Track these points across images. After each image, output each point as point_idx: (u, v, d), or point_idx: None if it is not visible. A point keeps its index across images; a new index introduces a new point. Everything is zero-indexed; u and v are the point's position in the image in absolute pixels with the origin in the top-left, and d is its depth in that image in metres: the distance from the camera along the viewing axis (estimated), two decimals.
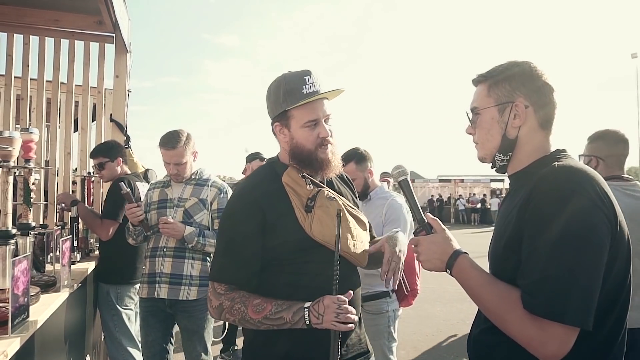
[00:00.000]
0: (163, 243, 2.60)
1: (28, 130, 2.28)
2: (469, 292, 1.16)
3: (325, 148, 1.45)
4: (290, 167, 1.49)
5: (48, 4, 3.80)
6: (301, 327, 1.31)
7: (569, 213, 1.00)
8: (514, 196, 1.21)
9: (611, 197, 1.08)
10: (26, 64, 3.92)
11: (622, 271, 1.09)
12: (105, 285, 3.06)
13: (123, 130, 3.96)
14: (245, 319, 1.37)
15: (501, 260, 1.17)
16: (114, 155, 3.19)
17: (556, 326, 0.98)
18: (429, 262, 1.23)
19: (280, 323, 1.33)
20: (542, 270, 1.01)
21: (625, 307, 1.11)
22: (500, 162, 1.25)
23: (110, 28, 3.83)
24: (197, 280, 2.57)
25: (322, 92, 1.43)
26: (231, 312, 1.38)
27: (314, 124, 1.43)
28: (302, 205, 1.43)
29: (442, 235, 1.23)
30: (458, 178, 29.58)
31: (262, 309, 1.35)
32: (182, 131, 2.65)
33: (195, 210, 2.62)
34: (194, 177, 2.71)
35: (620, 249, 1.07)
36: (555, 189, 1.05)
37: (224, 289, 1.41)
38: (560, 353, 0.99)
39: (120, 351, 3.02)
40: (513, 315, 1.04)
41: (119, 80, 4.01)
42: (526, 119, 1.19)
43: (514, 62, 1.23)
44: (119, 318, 3.03)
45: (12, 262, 1.55)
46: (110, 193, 3.08)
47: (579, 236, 1.00)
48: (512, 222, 1.12)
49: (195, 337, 2.62)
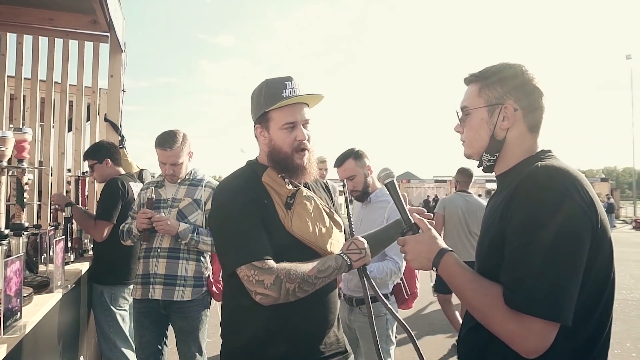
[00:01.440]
0: (157, 244, 2.58)
1: (21, 130, 2.26)
2: (454, 289, 1.18)
3: (301, 154, 1.50)
4: (269, 168, 1.53)
5: (42, 3, 3.77)
6: (344, 271, 1.45)
7: (550, 211, 1.03)
8: (498, 196, 1.24)
9: (593, 195, 1.09)
10: (20, 63, 3.90)
11: (605, 268, 1.11)
12: (99, 286, 3.04)
13: (117, 130, 3.94)
14: (305, 280, 1.36)
15: (486, 259, 1.19)
16: (101, 157, 3.16)
17: (536, 321, 1.00)
18: (416, 260, 1.26)
19: (330, 272, 1.41)
20: (523, 268, 1.03)
21: (609, 303, 1.13)
22: (487, 162, 1.27)
23: (104, 27, 3.81)
24: (191, 280, 2.56)
25: (300, 95, 1.48)
26: (290, 277, 1.34)
27: (291, 127, 1.48)
28: (283, 203, 1.48)
29: (428, 235, 1.26)
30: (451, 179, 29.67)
31: (311, 266, 1.38)
32: (178, 131, 2.64)
33: (189, 211, 2.61)
34: (188, 178, 2.69)
35: (602, 246, 1.08)
36: (537, 188, 1.07)
37: (268, 264, 1.35)
38: (540, 348, 1.01)
39: (114, 352, 3.01)
40: (495, 311, 1.06)
41: (114, 79, 3.99)
42: (515, 122, 1.21)
43: (506, 64, 1.25)
44: (113, 319, 3.01)
45: (5, 262, 1.54)
46: (104, 194, 3.07)
47: (559, 234, 1.01)
48: (496, 221, 1.15)
49: (190, 338, 2.60)
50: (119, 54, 4.01)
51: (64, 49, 3.95)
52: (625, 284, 7.84)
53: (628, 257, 11.03)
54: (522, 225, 1.06)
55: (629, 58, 30.99)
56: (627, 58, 31.10)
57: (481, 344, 1.17)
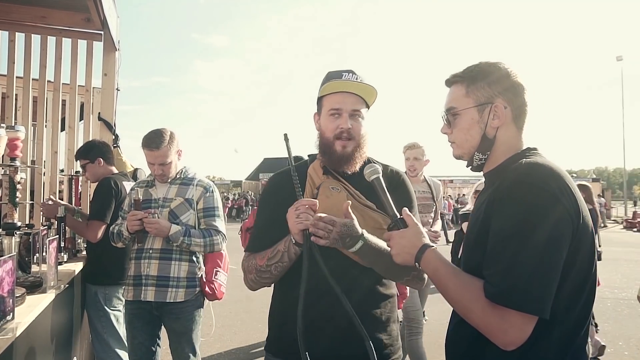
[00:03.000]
0: (149, 245, 2.55)
1: (14, 128, 2.24)
2: (436, 283, 1.20)
3: (342, 142, 1.50)
4: (317, 159, 1.59)
5: (35, 0, 3.73)
6: (294, 250, 1.43)
7: (530, 206, 1.05)
8: (484, 193, 1.26)
9: (574, 191, 1.11)
10: (12, 61, 3.85)
11: (586, 262, 1.12)
12: (93, 286, 3.01)
13: (111, 129, 3.91)
14: (259, 270, 1.50)
15: (471, 256, 1.21)
16: (93, 157, 3.13)
17: (515, 314, 1.02)
18: (399, 255, 1.27)
19: (280, 257, 1.46)
20: (502, 261, 1.05)
21: (591, 297, 1.15)
22: (479, 161, 1.29)
23: (98, 26, 3.77)
24: (184, 282, 2.53)
25: (349, 81, 1.50)
26: (248, 269, 1.54)
27: (337, 114, 1.50)
28: (311, 193, 1.52)
29: (413, 230, 1.27)
30: (447, 178, 29.83)
31: (262, 255, 1.50)
32: (165, 130, 2.58)
33: (181, 211, 2.58)
34: (179, 177, 2.65)
35: (583, 241, 1.10)
36: (518, 184, 1.09)
37: (246, 257, 1.58)
38: (519, 340, 1.04)
39: (108, 352, 2.98)
40: (476, 304, 1.08)
41: (108, 78, 3.96)
42: (505, 121, 1.23)
43: (487, 63, 1.27)
44: (106, 319, 2.99)
45: None
46: (97, 194, 3.04)
47: (538, 229, 1.03)
48: (481, 217, 1.17)
49: (184, 339, 2.58)
50: (113, 53, 3.98)
51: (57, 47, 3.91)
52: (616, 283, 7.92)
53: (619, 257, 11.14)
54: (502, 219, 1.08)
55: (620, 59, 31.30)
56: (618, 59, 31.40)
57: (468, 338, 1.18)
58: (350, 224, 1.37)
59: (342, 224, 1.36)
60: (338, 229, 1.35)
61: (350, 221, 1.38)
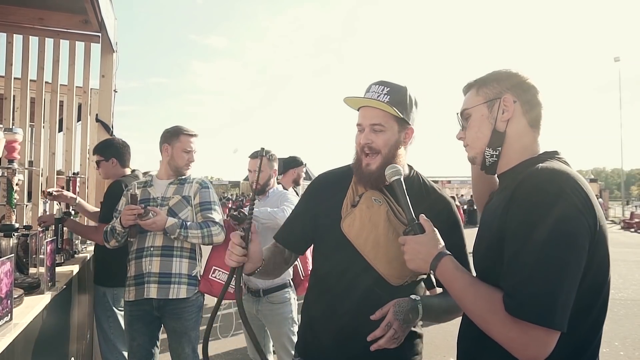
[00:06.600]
0: (149, 243, 2.57)
1: (12, 130, 2.24)
2: (452, 293, 1.17)
3: (366, 159, 1.50)
4: None
5: (32, 2, 3.74)
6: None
7: (551, 217, 1.00)
8: (499, 196, 1.22)
9: (592, 199, 1.08)
10: (9, 62, 3.86)
11: (600, 274, 1.10)
12: (102, 287, 3.03)
13: (109, 131, 3.92)
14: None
15: (482, 259, 1.19)
16: (108, 155, 3.14)
17: (538, 329, 0.99)
18: (413, 261, 1.24)
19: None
20: (519, 273, 1.01)
21: (603, 310, 1.12)
22: (490, 158, 1.26)
23: (96, 27, 3.79)
24: (185, 278, 2.55)
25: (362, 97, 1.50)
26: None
27: (361, 130, 1.52)
28: (351, 201, 1.53)
29: (429, 237, 1.24)
30: (445, 179, 29.87)
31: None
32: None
33: (179, 208, 2.61)
34: (177, 177, 2.72)
35: (598, 252, 1.07)
36: (538, 192, 1.05)
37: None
38: (541, 355, 1.00)
39: (114, 353, 3.00)
40: (495, 317, 1.04)
41: (105, 80, 3.97)
42: (514, 115, 1.22)
43: (499, 70, 1.29)
44: (114, 320, 3.00)
45: None
46: (107, 196, 3.03)
47: (559, 241, 1.00)
48: (495, 223, 1.13)
49: (184, 339, 2.58)
50: (111, 54, 3.99)
51: (55, 48, 3.92)
52: (613, 283, 7.74)
53: (616, 257, 11.12)
54: (518, 228, 1.05)
55: (617, 60, 31.37)
56: (616, 60, 31.46)
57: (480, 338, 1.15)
58: (399, 305, 1.34)
59: (394, 312, 1.32)
60: (396, 323, 1.31)
61: (397, 301, 1.35)
